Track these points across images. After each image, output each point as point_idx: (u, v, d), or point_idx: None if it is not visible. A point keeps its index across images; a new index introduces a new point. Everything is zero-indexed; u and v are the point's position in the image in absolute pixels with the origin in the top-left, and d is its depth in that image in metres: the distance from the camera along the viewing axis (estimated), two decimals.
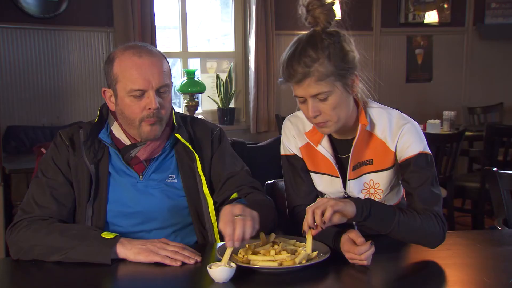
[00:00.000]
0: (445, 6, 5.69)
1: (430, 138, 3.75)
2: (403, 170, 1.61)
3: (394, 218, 1.48)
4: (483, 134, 4.00)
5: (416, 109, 5.57)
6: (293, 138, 1.73)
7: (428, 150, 1.62)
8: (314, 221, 1.41)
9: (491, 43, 5.78)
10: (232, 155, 1.83)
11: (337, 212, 1.42)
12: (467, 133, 4.16)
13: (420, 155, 1.59)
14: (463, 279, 1.41)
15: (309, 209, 1.42)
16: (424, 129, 4.37)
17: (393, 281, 1.41)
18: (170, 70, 1.70)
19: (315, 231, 1.42)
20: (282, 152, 1.76)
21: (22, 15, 4.10)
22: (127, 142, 1.71)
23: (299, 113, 1.74)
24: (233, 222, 1.37)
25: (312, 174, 1.72)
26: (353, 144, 1.62)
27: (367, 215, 1.44)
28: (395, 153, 1.62)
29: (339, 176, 1.67)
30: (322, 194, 1.74)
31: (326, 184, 1.70)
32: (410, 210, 1.55)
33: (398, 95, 5.62)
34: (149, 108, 1.62)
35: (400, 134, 1.61)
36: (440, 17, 5.67)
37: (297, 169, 1.73)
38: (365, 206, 1.45)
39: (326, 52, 1.51)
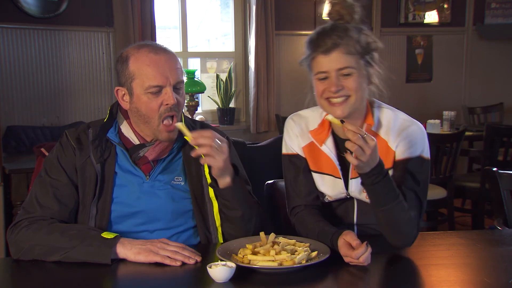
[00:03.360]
0: (445, 6, 5.69)
1: (430, 138, 3.73)
2: (396, 167, 1.60)
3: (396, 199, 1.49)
4: (483, 134, 3.99)
5: (416, 109, 5.58)
6: (295, 137, 1.71)
7: (427, 155, 1.61)
8: None
9: (491, 43, 5.78)
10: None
11: None
12: (467, 133, 4.16)
13: (418, 158, 1.59)
14: (463, 279, 1.41)
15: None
16: None
17: (393, 281, 1.41)
18: (182, 67, 1.72)
19: None
20: (284, 151, 1.75)
21: (22, 15, 4.10)
22: (136, 141, 1.71)
23: (302, 112, 1.73)
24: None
25: (314, 174, 1.71)
26: None
27: None
28: (395, 153, 1.62)
29: (341, 178, 1.66)
30: (323, 195, 1.73)
31: (329, 185, 1.69)
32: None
33: (398, 95, 5.62)
34: (167, 104, 1.62)
35: (403, 135, 1.60)
36: (440, 17, 5.67)
37: (299, 168, 1.71)
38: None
39: (354, 34, 1.55)
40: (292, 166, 1.73)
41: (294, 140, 1.72)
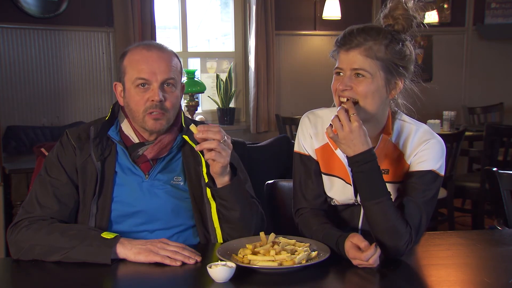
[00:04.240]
0: (445, 6, 5.69)
1: None
2: (407, 178, 1.57)
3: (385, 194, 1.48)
4: (483, 134, 4.00)
5: (416, 109, 5.57)
6: (309, 138, 1.67)
7: (441, 172, 1.57)
8: None
9: (491, 43, 5.78)
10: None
11: None
12: (467, 133, 4.16)
13: (430, 173, 1.55)
14: (463, 279, 1.41)
15: None
16: None
17: (393, 280, 1.41)
18: (181, 67, 1.72)
19: None
20: (296, 148, 1.71)
21: (22, 15, 4.10)
22: (135, 139, 1.71)
23: (320, 112, 1.70)
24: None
25: (324, 176, 1.68)
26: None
27: None
28: (409, 166, 1.59)
29: (352, 184, 1.62)
30: (330, 198, 1.69)
31: (338, 189, 1.66)
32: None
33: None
34: (152, 100, 1.63)
35: (420, 148, 1.57)
36: (440, 17, 5.66)
37: (310, 170, 1.68)
38: None
39: (386, 40, 1.52)
40: (302, 167, 1.69)
41: (307, 140, 1.68)
